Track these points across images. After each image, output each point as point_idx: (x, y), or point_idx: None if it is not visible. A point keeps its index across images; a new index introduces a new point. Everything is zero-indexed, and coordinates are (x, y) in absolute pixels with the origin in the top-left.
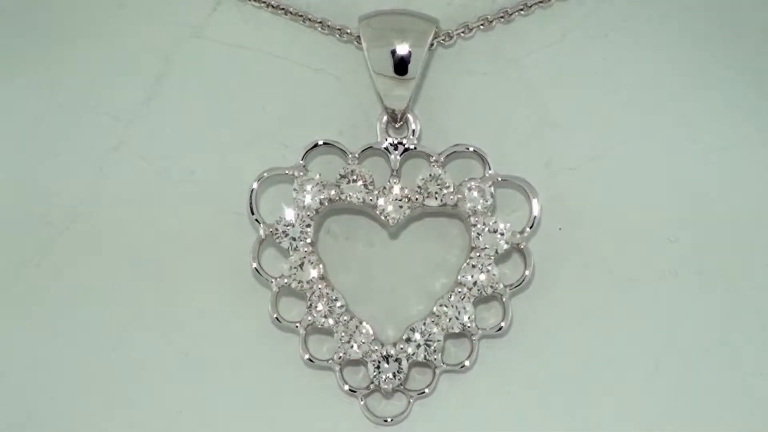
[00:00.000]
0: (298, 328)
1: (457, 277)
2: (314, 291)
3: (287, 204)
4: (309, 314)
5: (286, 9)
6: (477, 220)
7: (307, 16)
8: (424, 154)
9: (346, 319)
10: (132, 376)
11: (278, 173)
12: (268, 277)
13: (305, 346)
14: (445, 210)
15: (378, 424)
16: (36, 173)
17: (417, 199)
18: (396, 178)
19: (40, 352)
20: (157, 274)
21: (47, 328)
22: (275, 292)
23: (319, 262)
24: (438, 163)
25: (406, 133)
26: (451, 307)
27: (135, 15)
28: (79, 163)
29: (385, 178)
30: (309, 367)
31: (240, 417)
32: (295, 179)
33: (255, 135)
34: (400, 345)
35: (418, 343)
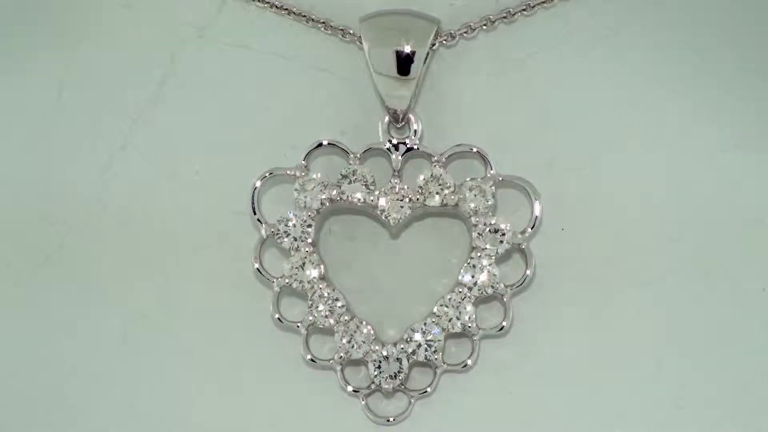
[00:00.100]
0: (300, 328)
1: (458, 277)
2: (315, 291)
3: (289, 204)
4: (310, 314)
5: (290, 9)
6: (478, 221)
7: (310, 17)
8: (426, 154)
9: (347, 319)
10: (136, 376)
11: (280, 173)
12: (270, 277)
13: (306, 346)
14: (446, 210)
15: (379, 423)
16: (42, 173)
17: (418, 199)
18: (397, 179)
19: (47, 352)
20: (162, 274)
21: (54, 328)
22: (277, 292)
23: (320, 262)
24: (439, 164)
25: (407, 133)
26: (451, 307)
27: (141, 15)
28: (86, 163)
29: (387, 178)
30: (310, 367)
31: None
32: (297, 179)
33: (259, 135)
34: (400, 345)
35: (419, 343)
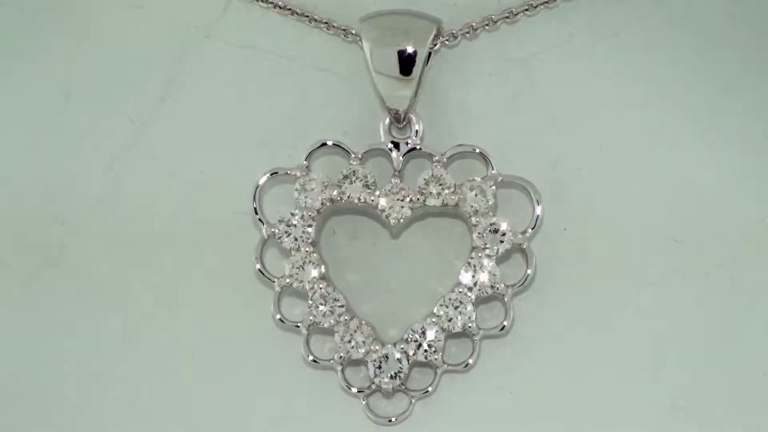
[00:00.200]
0: (300, 328)
1: (458, 277)
2: (315, 291)
3: (290, 204)
4: (310, 314)
5: (293, 9)
6: (478, 221)
7: (313, 17)
8: (427, 154)
9: (347, 319)
10: (137, 375)
11: (281, 174)
12: (271, 277)
13: (307, 347)
14: (446, 210)
15: (380, 424)
16: (46, 173)
17: (418, 199)
18: (397, 179)
19: (48, 352)
20: (163, 274)
21: (54, 328)
22: (277, 292)
23: (320, 263)
24: (440, 164)
25: (409, 133)
26: (451, 307)
27: (146, 16)
28: (90, 163)
29: (388, 178)
30: (311, 367)
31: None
32: (297, 179)
33: (263, 135)
34: (400, 345)
35: (419, 343)
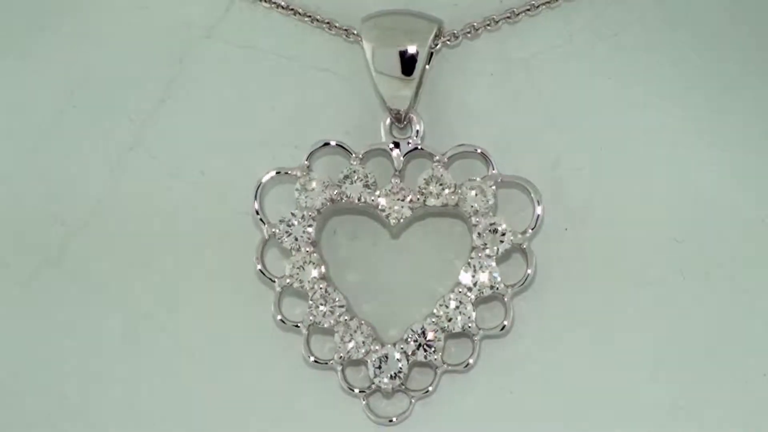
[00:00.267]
0: (300, 328)
1: (458, 277)
2: (315, 291)
3: (292, 204)
4: (310, 314)
5: (295, 10)
6: (478, 221)
7: (315, 17)
8: (428, 154)
9: (347, 319)
10: (137, 375)
11: (283, 174)
12: (272, 278)
13: (308, 347)
14: (447, 210)
15: (380, 424)
16: (51, 173)
17: (418, 199)
18: (398, 179)
19: (48, 352)
20: (165, 274)
21: (55, 328)
22: (278, 292)
23: (320, 263)
24: (441, 164)
25: (410, 133)
26: (451, 307)
27: (150, 16)
28: (95, 163)
29: (389, 178)
30: (311, 367)
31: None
32: (298, 179)
33: (264, 135)
34: (400, 345)
35: (419, 343)
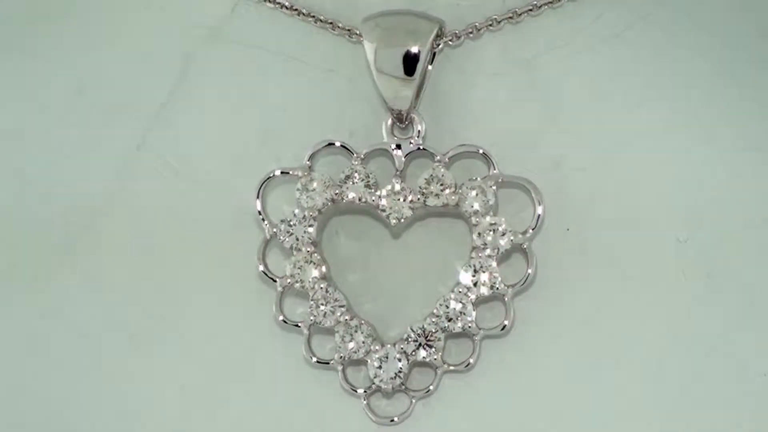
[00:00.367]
0: (301, 328)
1: (458, 277)
2: (316, 291)
3: (294, 204)
4: (311, 314)
5: (299, 10)
6: (478, 220)
7: (318, 17)
8: (429, 154)
9: (347, 319)
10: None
11: (284, 174)
12: (273, 277)
13: (308, 347)
14: (447, 210)
15: (381, 424)
16: (59, 173)
17: (419, 199)
18: (398, 179)
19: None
20: (174, 274)
21: (68, 327)
22: (279, 292)
23: (321, 263)
24: (442, 164)
25: (411, 133)
26: (451, 307)
27: (158, 16)
28: (102, 163)
29: (390, 178)
30: (312, 367)
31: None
32: (299, 179)
33: (269, 135)
34: (400, 345)
35: (419, 342)
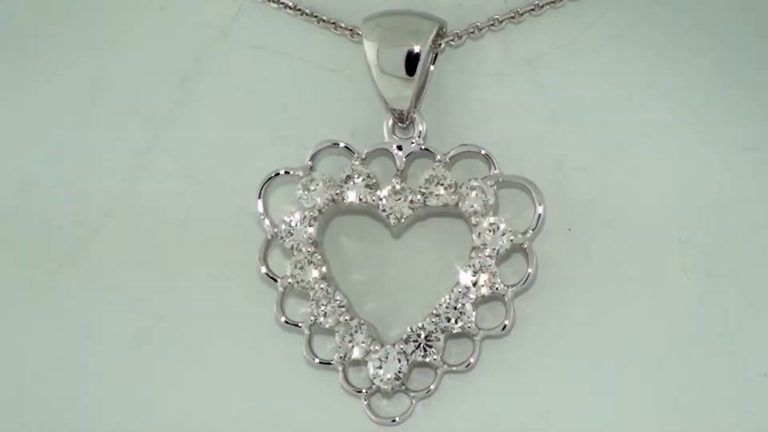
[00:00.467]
0: (302, 329)
1: (458, 277)
2: (316, 291)
3: (293, 205)
4: (311, 314)
5: (302, 10)
6: (478, 220)
7: (321, 17)
8: (430, 154)
9: (347, 319)
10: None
11: (286, 174)
12: (275, 278)
13: (309, 347)
14: (448, 210)
15: (381, 424)
16: (68, 174)
17: (419, 199)
18: (399, 179)
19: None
20: (180, 275)
21: (76, 328)
22: (281, 292)
23: (322, 263)
24: (442, 164)
25: (412, 133)
26: (451, 307)
27: (166, 17)
28: (111, 164)
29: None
30: (313, 367)
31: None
32: (300, 179)
33: (275, 136)
34: (399, 345)
35: (418, 343)
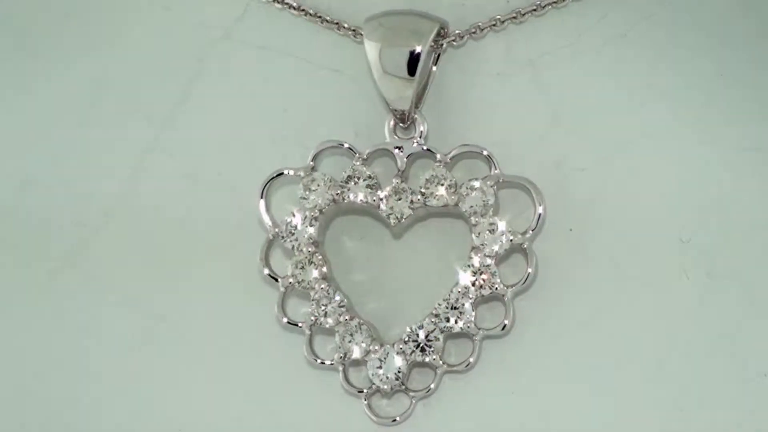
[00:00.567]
0: (303, 329)
1: (458, 277)
2: (316, 291)
3: (294, 205)
4: (312, 314)
5: (306, 10)
6: (478, 220)
7: (325, 17)
8: (431, 154)
9: (347, 319)
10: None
11: (287, 174)
12: (276, 278)
13: (310, 347)
14: (448, 210)
15: (381, 424)
16: (69, 174)
17: (419, 199)
18: (399, 179)
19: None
20: (181, 275)
21: (77, 327)
22: (282, 292)
23: (322, 263)
24: (443, 164)
25: (414, 133)
26: (450, 307)
27: (169, 17)
28: (113, 164)
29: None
30: (314, 367)
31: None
32: (301, 180)
33: (278, 136)
34: (399, 345)
35: (418, 342)
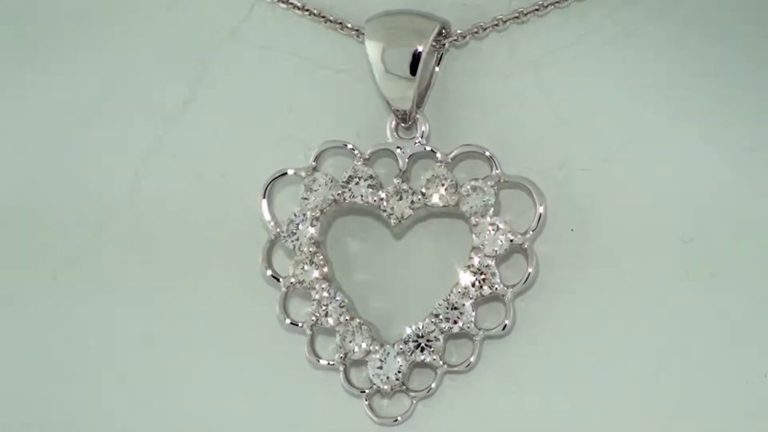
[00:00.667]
0: (304, 328)
1: (458, 277)
2: (317, 291)
3: (296, 205)
4: (313, 314)
5: (310, 10)
6: (478, 220)
7: (328, 17)
8: (432, 154)
9: (348, 319)
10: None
11: (290, 174)
12: (278, 278)
13: (311, 347)
14: (449, 210)
15: (382, 424)
16: (75, 174)
17: (419, 199)
18: (400, 179)
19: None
20: (185, 275)
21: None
22: (283, 292)
23: (324, 263)
24: (444, 164)
25: (415, 133)
26: (450, 307)
27: (175, 17)
28: (118, 164)
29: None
30: (315, 367)
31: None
32: (302, 180)
33: (281, 136)
34: (399, 345)
35: (418, 343)
